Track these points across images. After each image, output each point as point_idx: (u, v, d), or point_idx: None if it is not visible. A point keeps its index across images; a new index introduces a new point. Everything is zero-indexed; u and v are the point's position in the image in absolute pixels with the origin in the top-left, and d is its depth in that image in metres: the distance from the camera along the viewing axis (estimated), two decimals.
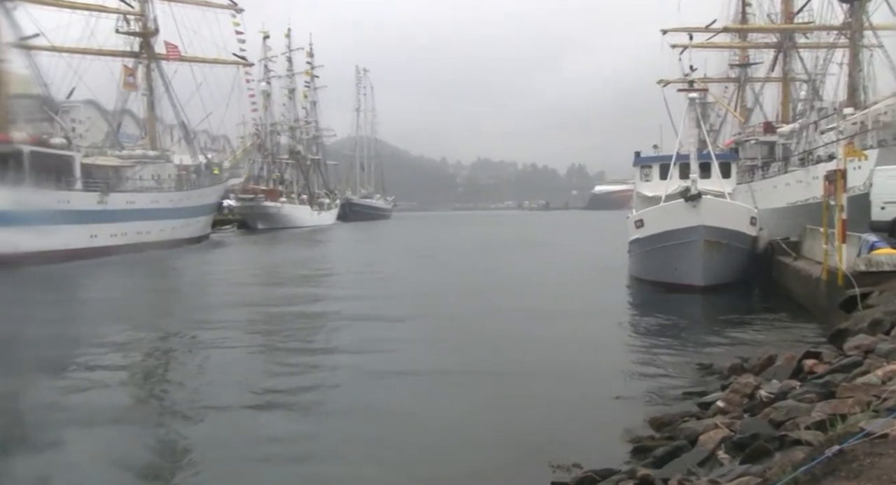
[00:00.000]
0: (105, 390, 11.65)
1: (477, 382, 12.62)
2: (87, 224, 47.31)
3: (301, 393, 11.63)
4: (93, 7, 54.97)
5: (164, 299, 25.50)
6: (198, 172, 66.39)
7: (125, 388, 12.06)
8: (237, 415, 10.45)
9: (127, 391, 11.82)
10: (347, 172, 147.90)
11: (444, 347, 15.51)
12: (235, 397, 11.28)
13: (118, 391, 11.81)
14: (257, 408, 10.80)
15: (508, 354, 14.73)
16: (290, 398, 11.36)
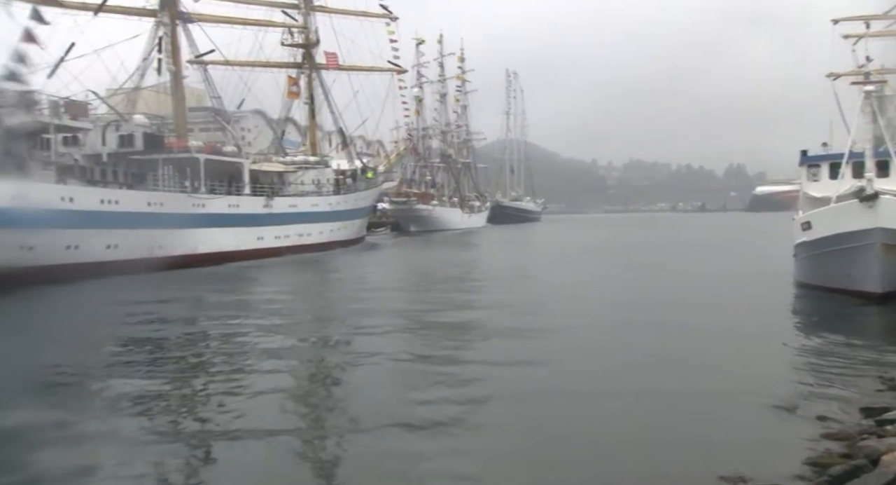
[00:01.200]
0: (255, 397, 11.53)
1: (636, 390, 12.03)
2: (254, 227, 50.27)
3: (453, 407, 10.88)
4: (261, 22, 58.46)
5: (322, 301, 26.43)
6: (354, 176, 68.91)
7: (275, 395, 11.73)
8: (387, 430, 9.88)
9: (276, 398, 11.56)
10: (497, 174, 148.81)
11: (597, 357, 14.80)
12: (385, 408, 10.80)
13: (268, 399, 11.57)
14: (407, 424, 10.08)
15: (668, 363, 13.93)
16: (441, 413, 10.60)
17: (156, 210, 40.70)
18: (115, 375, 13.00)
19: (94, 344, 16.51)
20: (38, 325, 21.45)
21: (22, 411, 10.93)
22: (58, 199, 33.90)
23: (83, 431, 9.70)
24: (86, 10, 42.26)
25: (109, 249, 36.92)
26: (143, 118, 46.04)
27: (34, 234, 31.88)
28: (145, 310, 23.13)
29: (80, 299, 27.39)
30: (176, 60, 49.23)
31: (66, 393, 11.99)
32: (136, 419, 10.34)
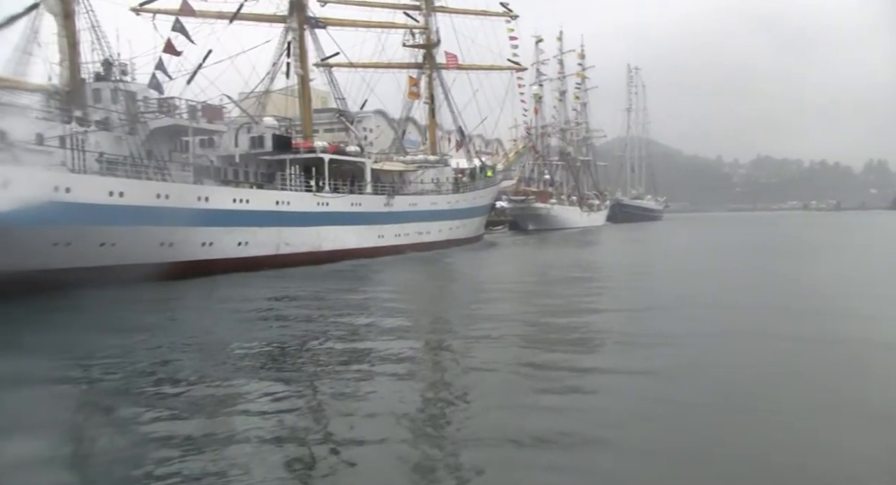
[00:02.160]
0: (370, 400, 11.35)
1: (777, 406, 11.10)
2: (375, 225, 51.45)
3: (570, 418, 10.36)
4: (384, 24, 59.79)
5: (439, 300, 26.55)
6: (473, 174, 69.31)
7: (390, 399, 11.47)
8: (501, 441, 9.54)
9: (391, 403, 11.25)
10: (618, 172, 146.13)
11: (726, 367, 13.71)
12: (500, 417, 10.47)
13: (382, 403, 11.32)
14: (521, 436, 9.67)
15: (803, 377, 12.97)
16: (558, 424, 10.07)
17: (283, 209, 42.30)
18: (237, 374, 13.25)
19: (219, 342, 17.16)
20: (175, 317, 22.71)
21: (138, 406, 11.43)
22: (194, 198, 35.80)
23: (200, 433, 9.83)
24: (222, 19, 44.47)
25: (240, 246, 38.69)
26: (272, 120, 47.98)
27: (174, 231, 33.85)
28: (271, 306, 24.13)
29: (213, 294, 28.81)
30: (303, 64, 51.02)
31: (187, 390, 12.30)
32: (249, 419, 10.41)
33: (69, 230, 28.86)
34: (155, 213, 32.97)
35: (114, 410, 10.93)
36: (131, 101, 35.88)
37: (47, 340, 17.42)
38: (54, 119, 32.27)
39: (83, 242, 29.56)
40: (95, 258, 30.14)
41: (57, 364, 14.20)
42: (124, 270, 30.64)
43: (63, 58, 34.71)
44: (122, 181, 32.27)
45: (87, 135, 32.80)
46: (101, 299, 25.12)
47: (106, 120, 34.81)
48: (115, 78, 35.82)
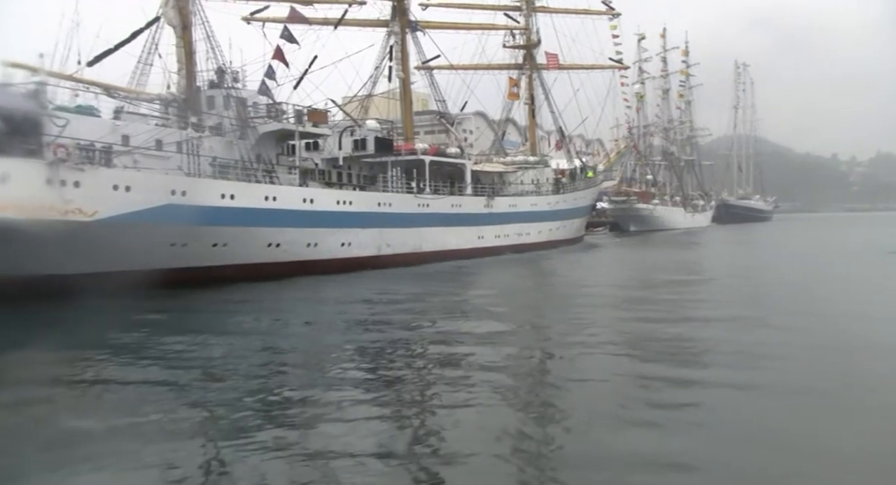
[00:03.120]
0: (465, 409, 10.97)
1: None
2: (475, 226, 51.64)
3: (672, 436, 9.76)
4: (484, 26, 60.00)
5: (539, 303, 26.28)
6: (573, 175, 68.63)
7: (486, 409, 11.09)
8: (602, 459, 9.12)
9: (486, 413, 10.87)
10: (723, 172, 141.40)
11: (849, 387, 12.32)
12: (600, 433, 9.94)
13: (476, 413, 10.98)
14: (622, 454, 9.21)
15: None
16: (660, 443, 9.55)
17: (385, 210, 43.07)
18: (336, 379, 13.28)
19: (321, 344, 17.46)
20: (281, 317, 23.48)
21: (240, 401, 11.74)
22: (300, 200, 36.94)
23: (294, 440, 9.68)
24: (327, 25, 45.69)
25: (343, 246, 39.66)
26: (374, 123, 48.93)
27: (281, 232, 35.03)
28: (373, 307, 24.58)
29: (318, 294, 29.64)
30: (405, 67, 51.81)
31: (288, 393, 12.36)
32: (343, 427, 10.25)
33: (185, 231, 30.31)
34: (263, 214, 34.23)
35: (217, 413, 11.04)
36: (242, 107, 37.33)
37: (165, 343, 18.32)
38: (172, 125, 33.94)
39: (198, 243, 30.98)
40: (209, 258, 31.54)
41: (166, 365, 14.67)
42: (235, 269, 32.01)
43: (180, 67, 36.47)
44: (232, 184, 33.64)
45: (202, 140, 34.33)
46: (212, 299, 26.33)
47: (219, 125, 36.36)
48: (228, 85, 37.34)
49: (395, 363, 14.28)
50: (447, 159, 51.30)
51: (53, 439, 9.81)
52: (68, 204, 26.30)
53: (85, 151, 27.81)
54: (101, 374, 14.16)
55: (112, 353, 16.01)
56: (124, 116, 33.05)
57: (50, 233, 25.65)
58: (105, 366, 14.86)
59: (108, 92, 33.81)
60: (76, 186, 26.63)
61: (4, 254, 25.00)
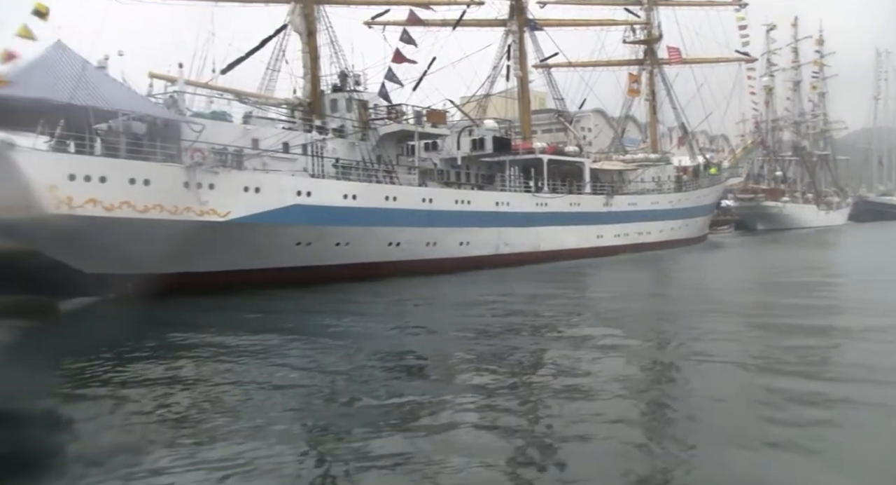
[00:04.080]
0: (580, 424, 10.26)
1: None
2: (594, 225, 50.91)
3: (817, 467, 8.84)
4: (603, 22, 59.06)
5: (660, 305, 25.35)
6: (696, 172, 66.53)
7: (610, 410, 10.59)
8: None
9: (609, 413, 10.49)
10: (862, 167, 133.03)
11: None
12: (732, 457, 9.16)
13: (600, 409, 10.74)
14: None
15: None
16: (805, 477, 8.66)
17: (503, 209, 43.13)
18: (455, 376, 13.38)
19: (440, 345, 17.55)
20: (401, 315, 23.93)
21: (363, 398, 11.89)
22: (419, 200, 37.54)
23: (405, 446, 9.48)
24: (445, 26, 46.19)
25: (462, 246, 39.99)
26: (492, 123, 49.09)
27: (401, 232, 35.72)
28: (491, 307, 24.59)
29: (437, 293, 30.03)
30: (523, 66, 51.70)
31: (403, 394, 12.24)
32: (457, 433, 9.97)
33: (310, 231, 31.41)
34: (383, 214, 35.01)
35: (329, 417, 11.05)
36: (363, 110, 38.34)
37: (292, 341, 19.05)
38: (298, 128, 35.26)
39: (322, 242, 32.04)
40: (331, 257, 32.56)
41: (288, 365, 14.91)
42: (356, 268, 32.90)
43: (306, 72, 37.86)
44: (354, 185, 34.60)
45: (326, 142, 35.49)
46: (330, 297, 27.13)
47: (341, 128, 37.48)
48: (350, 88, 38.46)
49: (511, 369, 13.83)
50: (565, 158, 50.83)
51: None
52: (204, 205, 27.79)
53: (218, 155, 29.30)
54: (218, 370, 14.84)
55: (235, 352, 16.62)
56: (254, 121, 34.60)
57: (188, 232, 27.25)
58: (227, 364, 15.51)
59: (239, 98, 35.55)
60: (210, 188, 28.10)
61: (149, 252, 26.76)
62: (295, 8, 37.15)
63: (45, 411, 11.63)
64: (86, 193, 24.84)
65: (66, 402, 12.10)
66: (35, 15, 25.86)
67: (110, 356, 15.84)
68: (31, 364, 15.72)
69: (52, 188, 24.08)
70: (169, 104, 30.27)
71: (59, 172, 24.43)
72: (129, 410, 11.50)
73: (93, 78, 25.79)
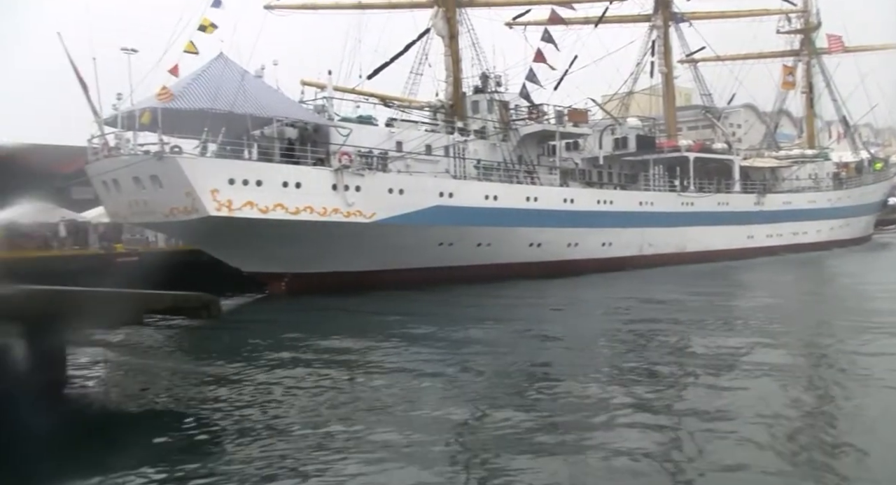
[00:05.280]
0: (733, 449, 9.27)
1: None
2: (744, 225, 48.66)
3: None
4: (755, 12, 56.17)
5: (819, 313, 23.28)
6: (859, 168, 62.18)
7: (759, 449, 9.18)
8: None
9: (761, 436, 9.43)
10: None
11: None
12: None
13: (748, 431, 9.69)
14: None
15: None
16: None
17: (646, 209, 42.04)
18: (598, 383, 12.87)
19: (586, 346, 17.29)
20: (543, 316, 23.80)
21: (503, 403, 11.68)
22: (560, 200, 37.22)
23: (552, 445, 9.39)
24: (587, 24, 45.50)
25: (604, 246, 39.32)
26: (635, 121, 47.93)
27: (542, 232, 35.57)
28: (636, 310, 24.04)
29: (579, 294, 29.69)
30: (667, 61, 50.18)
31: (544, 394, 12.17)
32: (604, 434, 9.70)
33: (452, 232, 31.85)
34: (525, 214, 34.97)
35: (476, 409, 11.14)
36: (505, 110, 38.45)
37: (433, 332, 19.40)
38: (440, 130, 35.84)
39: (463, 243, 32.41)
40: (472, 257, 32.87)
41: (437, 361, 15.22)
42: (496, 268, 33.06)
43: (448, 74, 38.43)
44: (496, 185, 34.77)
45: (467, 143, 35.89)
46: (474, 296, 27.38)
47: (482, 129, 37.74)
48: (491, 89, 38.68)
49: (656, 376, 13.24)
50: (713, 155, 48.90)
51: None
52: (351, 207, 28.80)
53: (364, 158, 30.29)
54: (370, 359, 15.39)
55: (379, 350, 17.12)
56: (397, 124, 35.48)
57: (336, 233, 28.37)
58: (383, 354, 16.08)
59: (384, 102, 36.58)
60: (357, 191, 29.08)
61: (301, 252, 28.11)
62: (438, 12, 37.83)
63: (210, 399, 12.45)
64: (244, 196, 26.35)
65: (229, 391, 12.88)
66: (200, 30, 27.72)
67: (268, 351, 16.75)
68: (197, 358, 16.89)
69: (213, 192, 25.70)
70: (319, 110, 31.58)
71: (220, 176, 26.05)
72: (282, 400, 12.05)
73: (251, 87, 27.35)
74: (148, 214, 27.31)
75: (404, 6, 39.78)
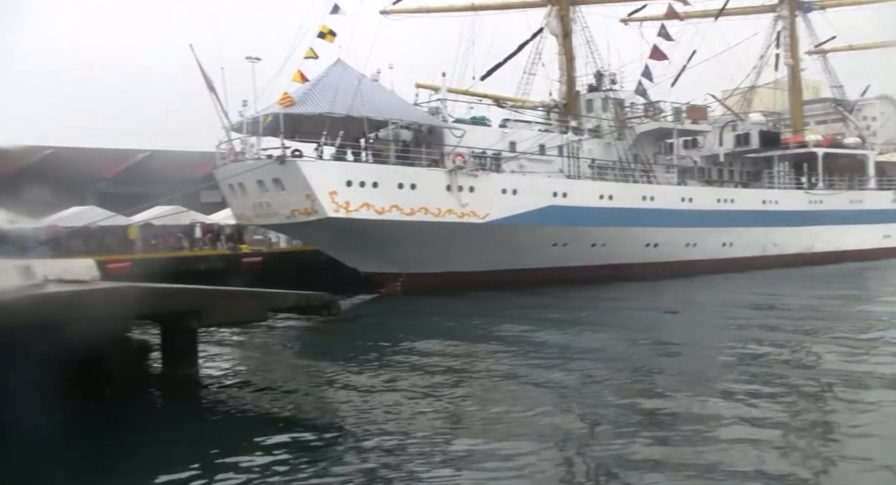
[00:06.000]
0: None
1: None
2: (881, 224, 45.91)
3: None
4: None
5: None
6: None
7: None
8: None
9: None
10: None
11: None
12: None
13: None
14: None
15: None
16: None
17: (770, 208, 40.31)
18: (720, 386, 12.35)
19: (704, 349, 16.80)
20: (663, 318, 23.16)
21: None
22: (678, 199, 36.18)
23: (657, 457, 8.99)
24: (706, 17, 43.96)
25: (724, 246, 37.97)
26: (758, 116, 45.92)
27: (659, 232, 34.69)
28: (759, 314, 23.02)
29: (695, 296, 28.74)
30: (793, 53, 47.88)
31: (660, 396, 11.91)
32: (730, 445, 9.25)
33: (566, 232, 31.54)
34: (641, 214, 34.21)
35: (592, 415, 10.95)
36: (619, 109, 37.72)
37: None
38: (554, 130, 35.53)
39: (577, 243, 32.03)
40: (587, 258, 32.44)
41: (548, 364, 15.03)
42: (611, 269, 32.50)
43: (561, 73, 38.07)
44: (611, 185, 34.19)
45: (581, 143, 35.43)
46: (586, 298, 26.96)
47: (597, 128, 37.16)
48: (606, 87, 38.03)
49: (783, 389, 12.18)
50: (844, 151, 46.28)
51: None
52: (465, 207, 29.01)
53: (478, 159, 30.43)
54: (478, 365, 15.41)
55: (499, 349, 17.17)
56: (510, 124, 35.42)
57: (450, 234, 28.65)
58: (495, 357, 16.11)
59: (497, 103, 36.62)
60: (471, 191, 29.26)
61: (416, 253, 28.57)
62: (551, 11, 37.54)
63: (328, 399, 12.85)
64: (360, 197, 27.01)
65: (346, 392, 13.25)
66: (319, 37, 28.58)
67: (384, 352, 17.12)
68: (317, 357, 17.44)
69: (332, 193, 26.48)
70: (433, 112, 31.97)
71: (338, 178, 26.81)
72: (396, 398, 12.28)
73: (367, 91, 28.00)
74: (271, 215, 28.42)
75: (517, 6, 39.68)
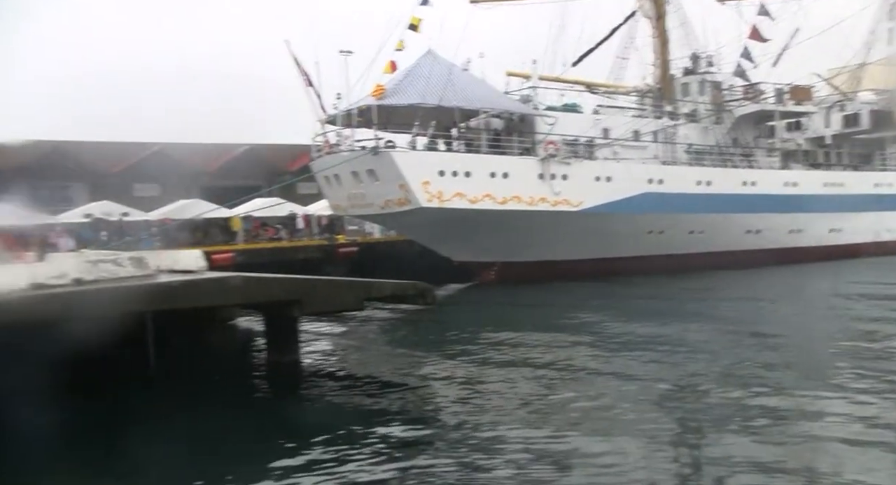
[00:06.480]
0: None
1: None
2: None
3: None
4: None
5: None
6: None
7: None
8: None
9: None
10: None
11: None
12: None
13: None
14: None
15: None
16: None
17: (884, 191, 38.29)
18: (829, 387, 11.60)
19: (808, 342, 16.05)
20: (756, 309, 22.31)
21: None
22: (781, 184, 34.78)
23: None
24: None
25: (832, 232, 36.34)
26: (869, 95, 43.56)
27: (761, 219, 33.45)
28: (869, 303, 21.83)
29: (804, 283, 27.61)
30: None
31: (759, 393, 11.18)
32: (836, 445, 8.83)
33: (662, 219, 30.79)
34: (741, 200, 33.05)
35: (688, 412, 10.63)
36: (717, 91, 36.48)
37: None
38: (648, 115, 34.68)
39: (674, 230, 31.23)
40: (684, 246, 31.58)
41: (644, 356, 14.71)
42: (710, 257, 31.52)
43: (655, 57, 37.06)
44: (708, 170, 33.15)
45: (677, 128, 34.46)
46: (682, 288, 26.21)
47: (693, 112, 36.05)
48: (702, 70, 36.85)
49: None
50: None
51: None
52: (558, 195, 28.70)
53: (571, 146, 30.03)
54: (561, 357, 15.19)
55: (592, 342, 16.82)
56: (603, 110, 34.75)
57: (543, 223, 28.42)
58: (592, 350, 15.79)
59: (589, 89, 36.00)
60: (564, 179, 28.92)
61: (509, 242, 28.50)
62: None
63: (425, 390, 12.98)
64: (453, 187, 27.09)
65: (441, 379, 13.34)
66: (410, 29, 28.79)
67: (480, 340, 17.15)
68: (415, 346, 17.60)
69: (425, 183, 26.66)
70: (524, 100, 31.70)
71: (431, 168, 26.96)
72: (491, 390, 12.26)
73: (458, 80, 28.04)
74: (365, 206, 28.86)
75: None
